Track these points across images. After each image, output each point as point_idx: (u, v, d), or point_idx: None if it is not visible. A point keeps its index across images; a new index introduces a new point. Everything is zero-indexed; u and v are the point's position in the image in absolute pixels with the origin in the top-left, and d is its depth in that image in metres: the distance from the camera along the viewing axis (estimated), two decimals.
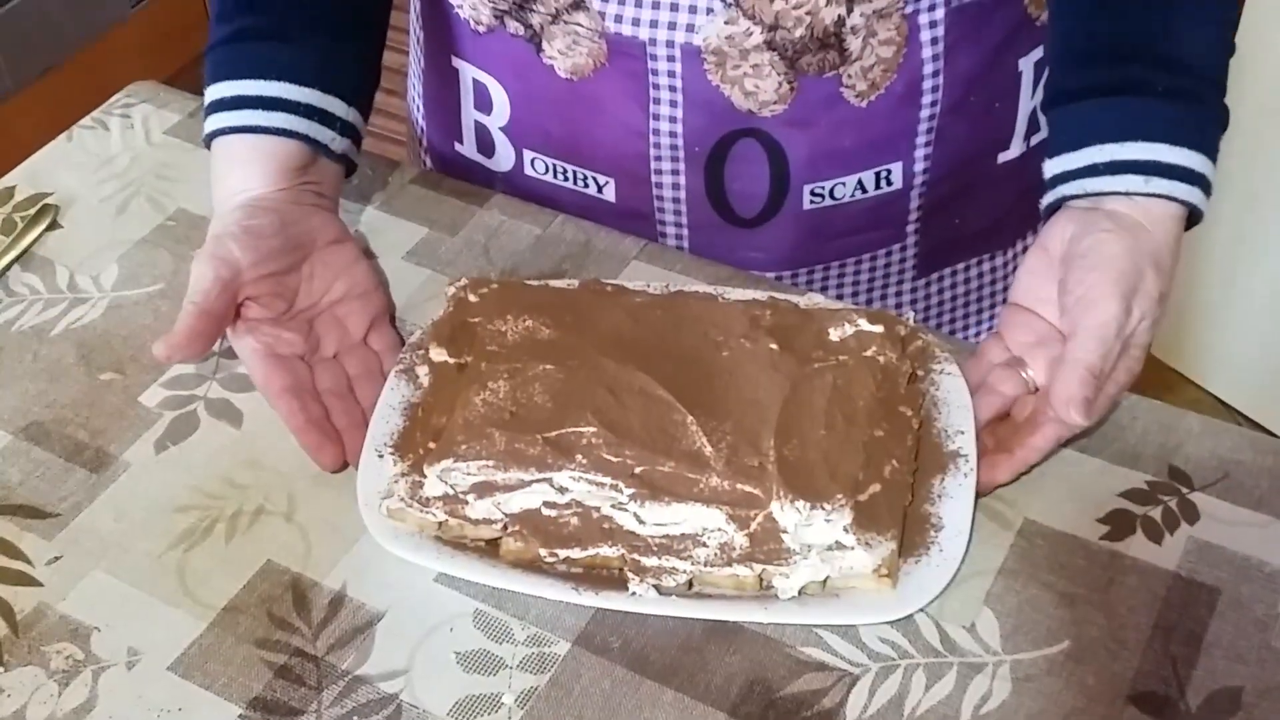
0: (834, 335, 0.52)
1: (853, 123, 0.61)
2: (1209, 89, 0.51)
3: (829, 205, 0.64)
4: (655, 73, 0.60)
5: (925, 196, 0.65)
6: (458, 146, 0.70)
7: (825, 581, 0.46)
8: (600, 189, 0.66)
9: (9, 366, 0.56)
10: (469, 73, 0.66)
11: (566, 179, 0.67)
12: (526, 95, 0.65)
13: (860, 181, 0.63)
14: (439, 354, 0.53)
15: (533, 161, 0.67)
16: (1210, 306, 1.42)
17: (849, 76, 0.60)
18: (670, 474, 0.47)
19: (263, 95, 0.55)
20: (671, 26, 0.59)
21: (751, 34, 0.58)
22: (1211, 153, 0.50)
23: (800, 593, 0.46)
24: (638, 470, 0.47)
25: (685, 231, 0.66)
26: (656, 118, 0.62)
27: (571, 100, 0.63)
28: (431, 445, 0.49)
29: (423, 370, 0.53)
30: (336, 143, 0.56)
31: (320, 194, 0.56)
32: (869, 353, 0.51)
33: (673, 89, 0.61)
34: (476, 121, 0.68)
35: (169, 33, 1.86)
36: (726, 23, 0.58)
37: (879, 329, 0.52)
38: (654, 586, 0.46)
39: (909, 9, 0.58)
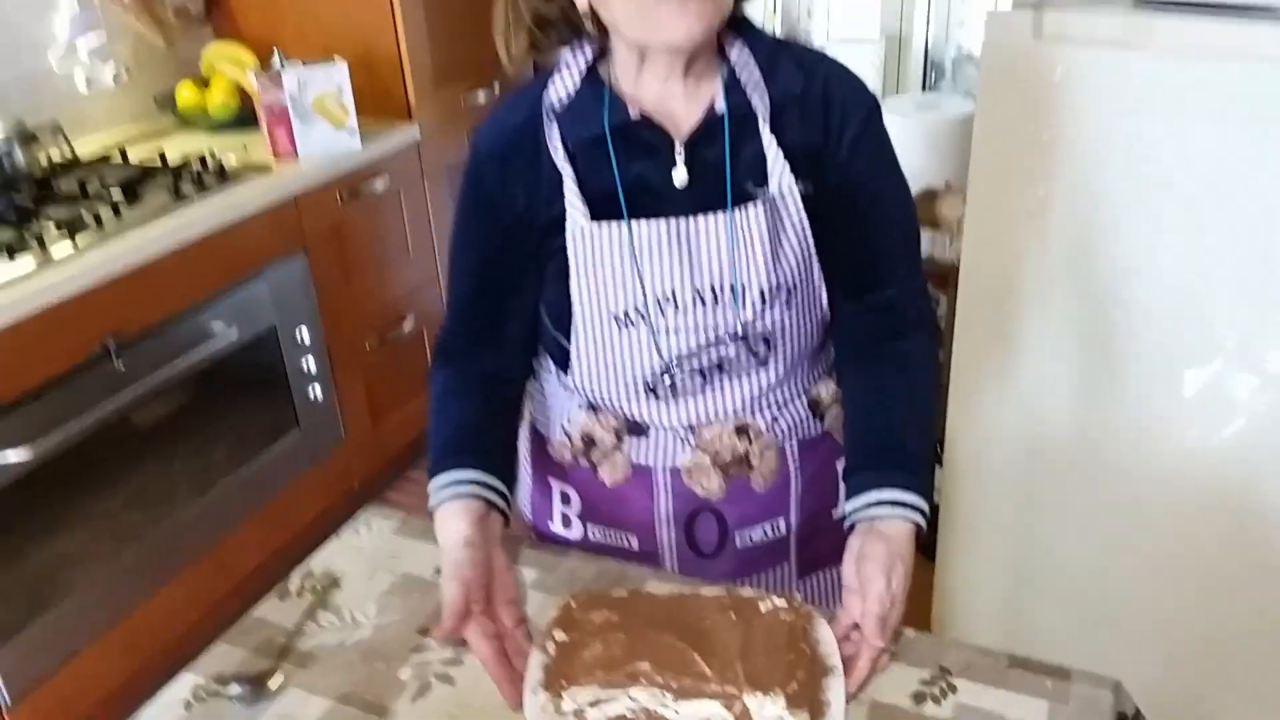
0: (762, 608, 1.00)
1: (758, 499, 1.14)
2: (923, 461, 1.02)
3: (750, 544, 1.16)
4: (656, 482, 1.14)
5: (798, 534, 1.17)
6: (549, 524, 1.22)
7: None
8: (629, 543, 1.17)
9: (325, 662, 1.02)
10: (558, 487, 1.19)
11: (610, 539, 1.18)
12: (589, 497, 1.17)
13: (764, 529, 1.15)
14: (560, 635, 0.99)
15: (592, 532, 1.19)
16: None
17: (754, 477, 1.14)
18: (690, 685, 0.91)
19: (460, 479, 1.01)
20: (665, 458, 1.13)
21: (703, 460, 1.12)
22: (926, 494, 0.99)
23: None
24: (674, 685, 0.91)
25: (676, 562, 1.16)
26: (657, 503, 1.15)
27: (613, 498, 1.15)
28: (563, 683, 0.95)
29: (551, 645, 0.98)
30: (498, 501, 1.03)
31: (495, 535, 1.01)
32: (781, 616, 0.98)
33: (665, 488, 1.14)
34: (562, 512, 1.20)
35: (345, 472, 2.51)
36: (692, 455, 1.13)
37: (784, 603, 1.00)
38: None
39: (781, 444, 1.13)
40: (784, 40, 1.07)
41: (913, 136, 2.39)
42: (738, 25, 1.03)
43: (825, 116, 1.03)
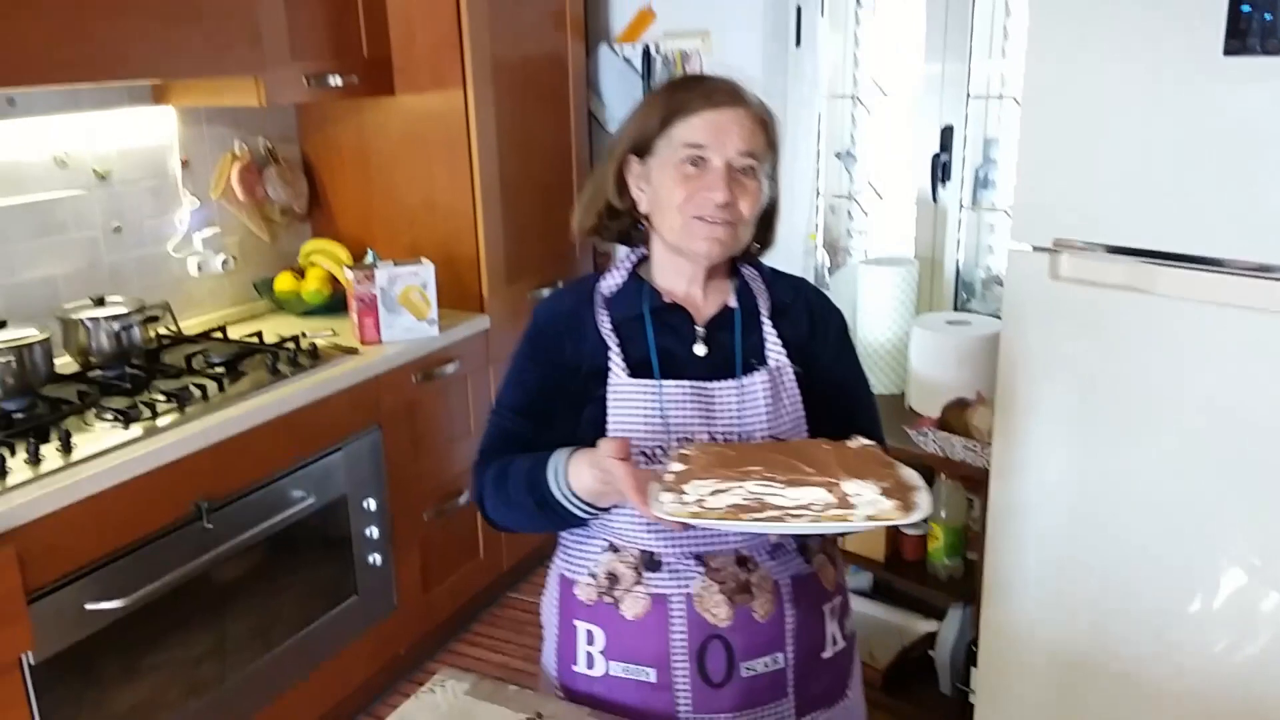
0: (852, 444, 1.16)
1: (760, 628, 1.29)
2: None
3: (754, 674, 1.30)
4: (673, 611, 1.28)
5: (795, 670, 1.31)
6: (574, 668, 1.36)
7: (872, 518, 1.06)
8: (647, 676, 1.31)
9: None
10: (584, 626, 1.34)
11: (630, 675, 1.31)
12: (612, 632, 1.31)
13: (765, 661, 1.30)
14: (678, 465, 1.14)
15: (613, 669, 1.32)
16: None
17: (755, 606, 1.28)
18: (797, 478, 1.07)
19: (566, 453, 1.25)
20: (679, 585, 1.27)
21: (712, 587, 1.27)
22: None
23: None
24: (783, 479, 1.08)
25: (689, 692, 1.30)
26: (673, 633, 1.28)
27: (635, 631, 1.29)
28: (684, 487, 1.09)
29: (670, 475, 1.13)
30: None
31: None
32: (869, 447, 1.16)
33: (681, 617, 1.28)
34: (586, 651, 1.34)
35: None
36: (702, 582, 1.27)
37: (870, 443, 1.19)
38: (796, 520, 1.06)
39: (775, 576, 1.29)
40: (778, 270, 1.45)
41: (944, 351, 2.59)
42: (748, 258, 1.42)
43: (809, 321, 1.40)
